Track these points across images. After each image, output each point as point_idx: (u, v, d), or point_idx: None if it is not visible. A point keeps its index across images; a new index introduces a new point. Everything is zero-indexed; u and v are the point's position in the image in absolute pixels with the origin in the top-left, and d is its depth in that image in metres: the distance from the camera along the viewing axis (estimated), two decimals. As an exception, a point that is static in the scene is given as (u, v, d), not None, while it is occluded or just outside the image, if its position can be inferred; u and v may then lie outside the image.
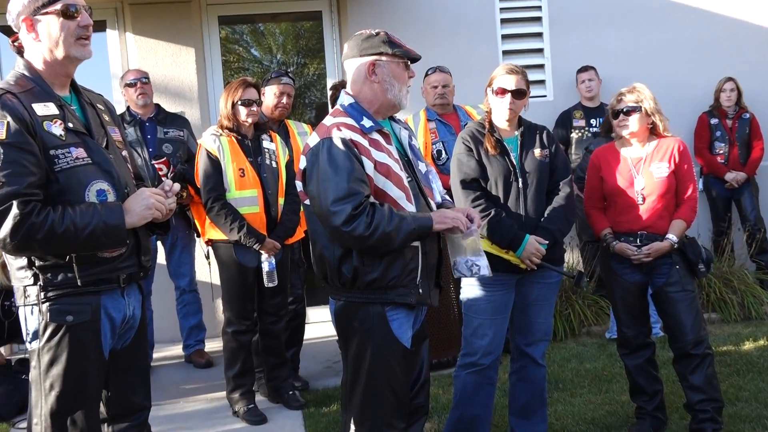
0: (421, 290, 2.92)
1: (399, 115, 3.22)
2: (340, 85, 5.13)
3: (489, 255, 3.63)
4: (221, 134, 4.61)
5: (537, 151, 3.79)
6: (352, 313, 2.91)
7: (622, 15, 7.09)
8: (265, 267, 4.57)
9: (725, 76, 6.91)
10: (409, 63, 3.01)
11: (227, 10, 6.73)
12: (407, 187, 2.91)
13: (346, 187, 2.73)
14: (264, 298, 4.72)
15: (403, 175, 2.92)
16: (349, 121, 2.89)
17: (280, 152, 4.78)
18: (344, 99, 3.00)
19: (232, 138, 4.60)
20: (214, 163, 4.55)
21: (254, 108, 4.62)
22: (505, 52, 6.95)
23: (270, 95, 5.13)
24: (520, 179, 3.72)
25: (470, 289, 3.79)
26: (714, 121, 6.94)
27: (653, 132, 4.06)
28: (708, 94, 7.00)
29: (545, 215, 3.76)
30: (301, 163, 2.94)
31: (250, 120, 4.60)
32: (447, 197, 3.28)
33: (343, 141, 2.79)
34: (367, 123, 2.89)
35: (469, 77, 6.12)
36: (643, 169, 3.99)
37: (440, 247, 3.08)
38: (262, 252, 4.56)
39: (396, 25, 6.48)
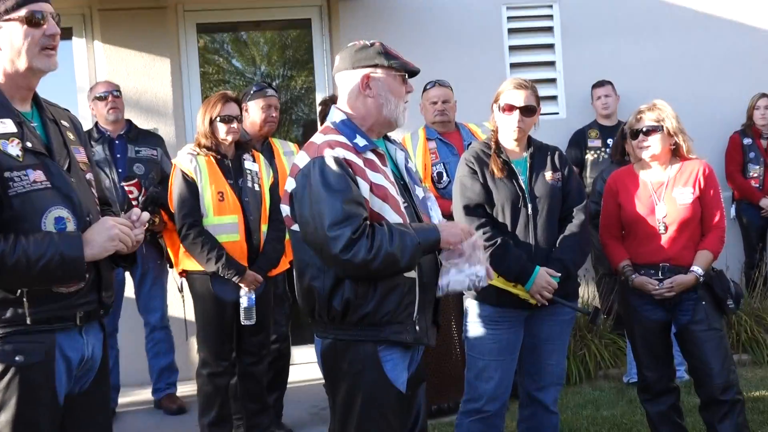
0: (418, 327, 2.91)
1: (396, 135, 3.25)
2: (330, 101, 5.16)
3: (495, 289, 3.66)
4: (198, 153, 4.61)
5: (548, 174, 3.82)
6: (341, 353, 2.89)
7: (643, 24, 7.16)
8: (244, 302, 4.55)
9: (759, 92, 6.97)
10: (406, 77, 3.04)
11: (206, 17, 6.78)
12: (404, 212, 2.92)
13: (342, 209, 2.73)
14: (244, 336, 4.70)
15: (400, 199, 2.94)
16: (341, 139, 2.90)
17: (264, 174, 4.79)
18: (335, 115, 3.02)
19: (211, 158, 4.61)
20: (191, 186, 4.55)
21: (234, 125, 4.64)
22: (513, 65, 7.01)
23: (255, 110, 5.16)
24: (529, 205, 3.75)
25: (474, 326, 3.80)
26: (747, 141, 6.99)
27: (676, 154, 4.10)
28: (740, 112, 7.06)
29: (557, 245, 3.77)
30: (288, 185, 2.94)
31: (230, 138, 4.62)
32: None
33: (336, 160, 2.80)
34: (360, 141, 2.91)
35: (473, 92, 6.13)
36: (665, 195, 4.02)
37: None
38: (242, 285, 4.56)
39: (392, 34, 6.53)
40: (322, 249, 2.78)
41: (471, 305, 3.86)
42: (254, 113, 5.16)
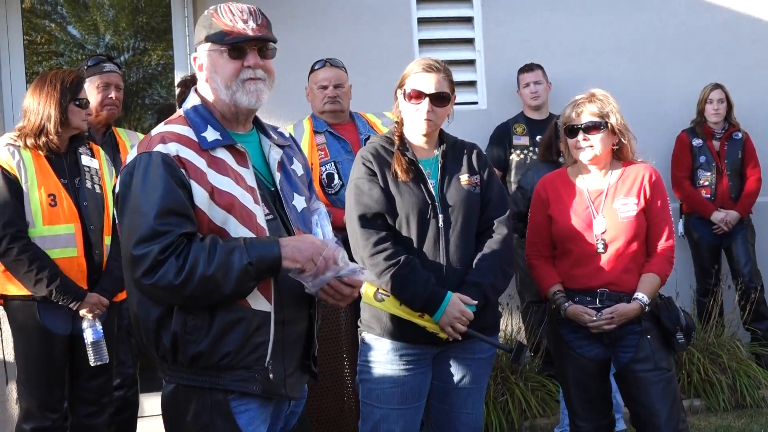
0: (272, 375, 2.86)
1: (280, 124, 3.24)
2: (190, 81, 5.10)
3: (397, 320, 3.67)
4: (21, 146, 4.50)
5: (464, 178, 3.85)
6: (184, 402, 2.85)
7: (579, -4, 7.30)
8: (89, 336, 4.46)
9: (712, 82, 7.15)
10: (239, 48, 2.94)
11: (33, -29, 6.66)
12: (262, 227, 2.87)
13: (152, 222, 2.70)
14: (79, 379, 4.60)
15: (259, 210, 2.89)
16: (184, 130, 2.89)
17: (105, 172, 4.73)
18: (190, 100, 3.03)
19: (39, 152, 4.50)
20: (12, 185, 4.43)
21: (89, 110, 4.65)
22: (422, 42, 7.06)
23: (90, 90, 5.09)
24: (440, 215, 3.77)
25: (371, 366, 3.80)
26: (697, 142, 7.15)
27: (618, 156, 4.20)
28: (689, 106, 7.24)
29: (474, 265, 3.79)
30: (117, 185, 2.91)
31: (84, 126, 4.61)
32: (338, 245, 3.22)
33: (165, 159, 2.78)
34: (210, 135, 2.90)
35: (373, 75, 6.20)
36: (605, 207, 4.12)
37: (313, 312, 3.03)
38: (84, 314, 4.46)
39: (275, 2, 6.51)
40: (126, 271, 2.79)
41: (367, 339, 3.85)
42: (89, 94, 5.02)
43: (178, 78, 6.40)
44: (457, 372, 3.85)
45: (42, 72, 6.06)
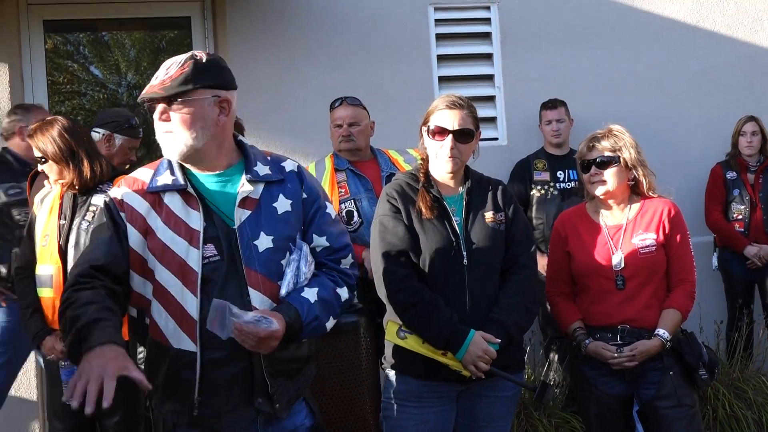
0: (199, 410, 3.02)
1: (302, 163, 3.33)
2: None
3: (420, 358, 3.70)
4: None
5: (488, 215, 3.85)
6: (156, 421, 3.10)
7: (600, 32, 7.34)
8: (63, 375, 4.63)
9: (745, 115, 7.16)
10: (151, 104, 3.08)
11: (56, 12, 6.76)
12: (193, 269, 2.98)
13: (73, 268, 2.98)
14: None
15: (194, 253, 2.99)
16: (144, 173, 3.13)
17: None
18: None
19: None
20: (30, 224, 4.76)
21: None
22: (442, 79, 7.11)
23: (121, 146, 5.65)
24: (464, 253, 3.77)
25: (394, 405, 3.82)
26: (731, 175, 7.12)
27: (635, 191, 4.25)
28: (722, 140, 7.25)
29: (497, 303, 3.79)
30: None
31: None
32: (314, 287, 3.15)
33: (106, 202, 3.07)
34: (162, 179, 3.09)
35: (394, 112, 6.25)
36: (624, 242, 4.16)
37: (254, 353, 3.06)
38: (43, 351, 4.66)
39: (293, 39, 6.62)
40: None
41: (391, 376, 3.88)
42: (117, 150, 5.60)
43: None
44: (481, 410, 3.85)
45: (64, 111, 6.17)
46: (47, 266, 4.63)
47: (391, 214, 3.81)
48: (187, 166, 3.11)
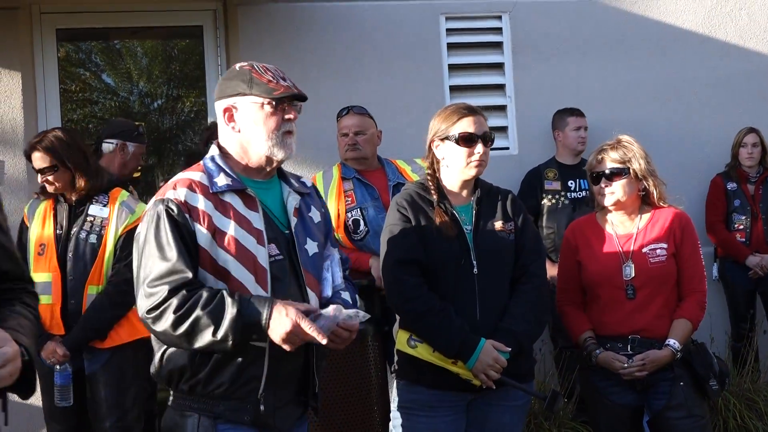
0: (263, 407, 3.06)
1: (307, 172, 3.38)
2: (214, 127, 5.28)
3: (430, 367, 3.72)
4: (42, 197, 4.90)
5: (498, 224, 3.87)
6: (180, 425, 3.08)
7: (612, 42, 7.34)
8: (57, 379, 4.70)
9: (746, 126, 7.17)
10: (281, 101, 3.14)
11: (69, 22, 6.78)
12: (263, 267, 3.05)
13: (162, 269, 2.95)
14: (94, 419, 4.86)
15: (262, 251, 3.06)
16: (198, 176, 3.13)
17: (113, 222, 4.87)
18: (210, 150, 3.25)
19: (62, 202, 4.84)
20: (22, 234, 4.84)
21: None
22: (453, 88, 7.12)
23: (133, 155, 5.76)
24: (474, 262, 3.79)
25: (404, 414, 3.84)
26: (731, 186, 7.14)
27: (646, 201, 4.26)
28: (724, 151, 7.26)
29: (508, 312, 3.80)
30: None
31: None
32: (345, 291, 3.36)
33: (170, 206, 3.02)
34: (221, 180, 3.11)
35: (403, 121, 6.27)
36: (634, 251, 4.17)
37: (310, 347, 3.15)
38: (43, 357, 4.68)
39: (303, 48, 6.64)
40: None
41: (401, 385, 3.89)
42: (131, 158, 5.73)
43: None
44: (491, 419, 3.86)
45: (76, 119, 6.21)
46: (44, 274, 4.71)
47: (401, 223, 3.82)
48: (236, 170, 3.16)
